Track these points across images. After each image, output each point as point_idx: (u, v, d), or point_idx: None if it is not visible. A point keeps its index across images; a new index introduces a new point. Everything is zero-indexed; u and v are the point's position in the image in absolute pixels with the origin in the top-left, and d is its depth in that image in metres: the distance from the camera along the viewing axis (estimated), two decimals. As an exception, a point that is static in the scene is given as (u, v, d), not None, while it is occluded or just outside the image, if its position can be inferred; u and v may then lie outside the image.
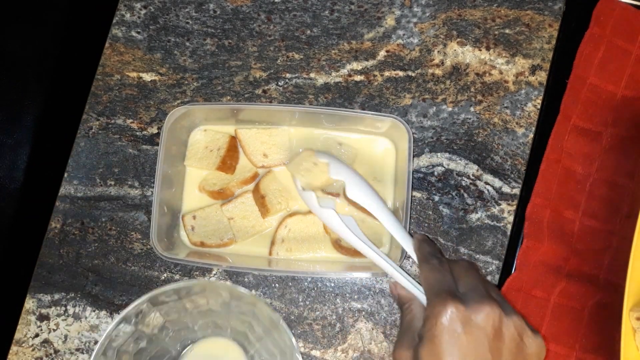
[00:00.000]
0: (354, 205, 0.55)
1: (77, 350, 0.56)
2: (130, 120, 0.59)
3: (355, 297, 0.56)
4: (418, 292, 0.45)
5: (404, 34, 0.59)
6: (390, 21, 0.59)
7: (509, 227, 0.56)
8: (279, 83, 0.59)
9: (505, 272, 0.56)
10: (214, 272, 0.56)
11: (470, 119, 0.58)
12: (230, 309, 0.52)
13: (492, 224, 0.56)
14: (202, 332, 0.55)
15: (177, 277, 0.56)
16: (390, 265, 0.47)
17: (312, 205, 0.49)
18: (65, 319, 0.56)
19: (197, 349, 0.55)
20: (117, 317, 0.47)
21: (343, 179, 0.50)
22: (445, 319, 0.39)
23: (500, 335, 0.40)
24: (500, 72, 0.58)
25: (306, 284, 0.56)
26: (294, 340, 0.48)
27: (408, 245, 0.48)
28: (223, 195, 0.55)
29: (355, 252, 0.54)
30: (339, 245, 0.54)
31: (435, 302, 0.40)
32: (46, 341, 0.56)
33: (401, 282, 0.46)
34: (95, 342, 0.55)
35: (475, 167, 0.57)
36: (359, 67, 0.59)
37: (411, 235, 0.49)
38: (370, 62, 0.59)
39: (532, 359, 0.41)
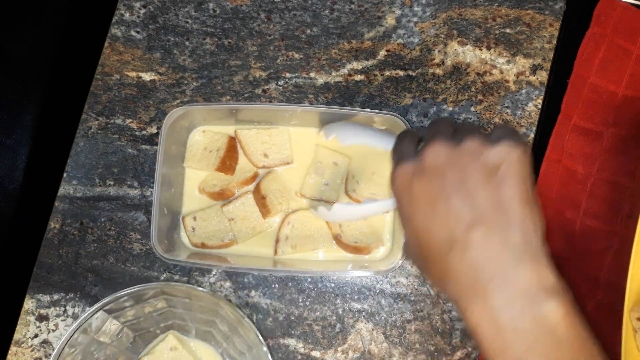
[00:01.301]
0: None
1: (77, 350, 0.55)
2: (130, 120, 0.58)
3: (356, 297, 0.56)
4: None
5: (404, 34, 0.59)
6: (390, 20, 0.59)
7: (510, 227, 0.56)
8: (279, 83, 0.59)
9: (506, 272, 0.56)
10: (213, 273, 0.56)
11: (470, 118, 0.58)
12: (192, 310, 0.52)
13: (492, 224, 0.56)
14: (165, 335, 0.55)
15: (176, 277, 0.56)
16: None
17: (325, 216, 0.51)
18: (65, 320, 0.56)
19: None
20: (69, 330, 0.46)
21: (335, 135, 0.51)
22: (402, 179, 0.36)
23: (453, 164, 0.35)
24: (501, 72, 0.58)
25: (306, 284, 0.56)
26: (259, 335, 0.48)
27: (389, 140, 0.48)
28: (223, 196, 0.55)
29: (354, 249, 0.54)
30: (339, 241, 0.54)
31: (394, 169, 0.38)
32: (45, 342, 0.55)
33: None
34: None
35: (476, 167, 0.57)
36: (359, 67, 0.58)
37: None
38: (371, 62, 0.59)
39: (503, 166, 0.34)
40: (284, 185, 0.55)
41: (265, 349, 0.48)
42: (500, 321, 0.32)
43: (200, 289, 0.49)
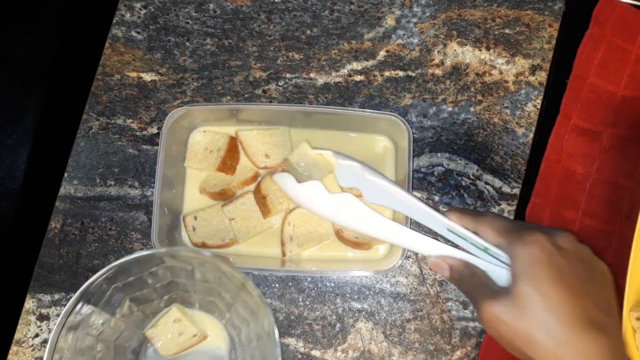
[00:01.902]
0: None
1: (77, 350, 0.55)
2: (130, 120, 0.59)
3: (355, 297, 0.56)
4: (469, 256, 0.45)
5: (404, 34, 0.59)
6: (390, 21, 0.59)
7: (509, 227, 0.56)
8: (279, 83, 0.59)
9: (505, 272, 0.56)
10: (214, 272, 0.56)
11: (470, 119, 0.58)
12: (194, 279, 0.51)
13: (492, 224, 0.56)
14: (169, 308, 0.54)
15: (177, 277, 0.56)
16: (429, 240, 0.46)
17: (320, 199, 0.47)
18: (66, 319, 0.56)
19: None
20: (73, 297, 0.44)
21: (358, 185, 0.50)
22: (543, 247, 0.40)
23: (582, 258, 0.42)
24: (500, 72, 0.58)
25: (306, 284, 0.56)
26: (262, 297, 0.46)
27: (442, 220, 0.47)
28: (224, 196, 0.55)
29: (355, 244, 0.54)
30: (340, 235, 0.54)
31: (524, 237, 0.42)
32: (46, 341, 0.56)
33: (448, 253, 0.46)
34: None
35: (475, 167, 0.57)
36: (359, 67, 0.59)
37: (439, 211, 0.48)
38: (370, 62, 0.59)
39: (605, 280, 0.42)
40: None
41: (268, 310, 0.46)
42: None
43: (204, 251, 0.47)
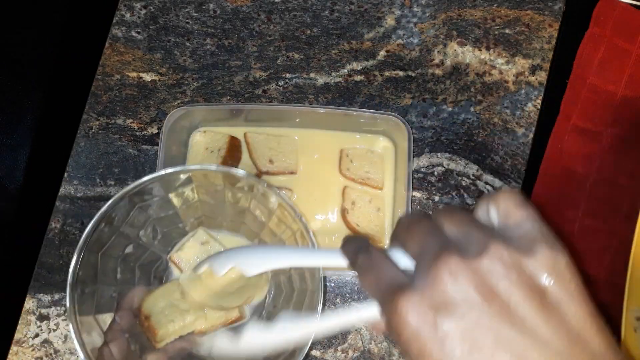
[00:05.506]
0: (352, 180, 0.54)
1: (77, 350, 0.55)
2: (130, 120, 0.59)
3: (355, 297, 0.56)
4: None
5: (404, 34, 0.59)
6: (390, 21, 0.59)
7: (509, 227, 0.56)
8: (279, 83, 0.59)
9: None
10: (214, 272, 0.56)
11: (470, 118, 0.58)
12: (224, 200, 0.47)
13: (492, 224, 0.56)
14: (195, 231, 0.50)
15: (177, 277, 0.56)
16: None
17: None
18: (65, 319, 0.56)
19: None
20: (95, 216, 0.41)
21: (236, 265, 0.40)
22: (409, 315, 0.25)
23: (484, 288, 0.25)
24: (500, 72, 0.58)
25: (306, 284, 0.56)
26: (297, 210, 0.42)
27: (336, 256, 0.32)
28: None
29: (354, 230, 0.54)
30: (344, 215, 0.54)
31: (384, 303, 0.27)
32: (46, 341, 0.56)
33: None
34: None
35: (475, 167, 0.57)
36: (359, 67, 0.59)
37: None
38: (371, 62, 0.59)
39: (554, 284, 0.25)
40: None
41: (303, 222, 0.41)
42: None
43: (238, 170, 0.42)
